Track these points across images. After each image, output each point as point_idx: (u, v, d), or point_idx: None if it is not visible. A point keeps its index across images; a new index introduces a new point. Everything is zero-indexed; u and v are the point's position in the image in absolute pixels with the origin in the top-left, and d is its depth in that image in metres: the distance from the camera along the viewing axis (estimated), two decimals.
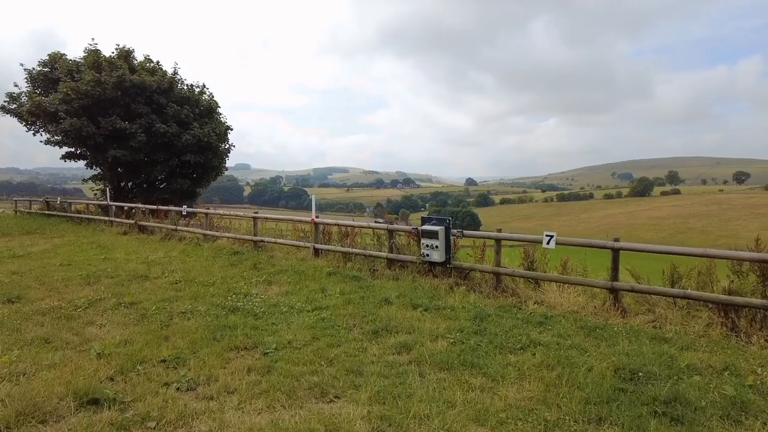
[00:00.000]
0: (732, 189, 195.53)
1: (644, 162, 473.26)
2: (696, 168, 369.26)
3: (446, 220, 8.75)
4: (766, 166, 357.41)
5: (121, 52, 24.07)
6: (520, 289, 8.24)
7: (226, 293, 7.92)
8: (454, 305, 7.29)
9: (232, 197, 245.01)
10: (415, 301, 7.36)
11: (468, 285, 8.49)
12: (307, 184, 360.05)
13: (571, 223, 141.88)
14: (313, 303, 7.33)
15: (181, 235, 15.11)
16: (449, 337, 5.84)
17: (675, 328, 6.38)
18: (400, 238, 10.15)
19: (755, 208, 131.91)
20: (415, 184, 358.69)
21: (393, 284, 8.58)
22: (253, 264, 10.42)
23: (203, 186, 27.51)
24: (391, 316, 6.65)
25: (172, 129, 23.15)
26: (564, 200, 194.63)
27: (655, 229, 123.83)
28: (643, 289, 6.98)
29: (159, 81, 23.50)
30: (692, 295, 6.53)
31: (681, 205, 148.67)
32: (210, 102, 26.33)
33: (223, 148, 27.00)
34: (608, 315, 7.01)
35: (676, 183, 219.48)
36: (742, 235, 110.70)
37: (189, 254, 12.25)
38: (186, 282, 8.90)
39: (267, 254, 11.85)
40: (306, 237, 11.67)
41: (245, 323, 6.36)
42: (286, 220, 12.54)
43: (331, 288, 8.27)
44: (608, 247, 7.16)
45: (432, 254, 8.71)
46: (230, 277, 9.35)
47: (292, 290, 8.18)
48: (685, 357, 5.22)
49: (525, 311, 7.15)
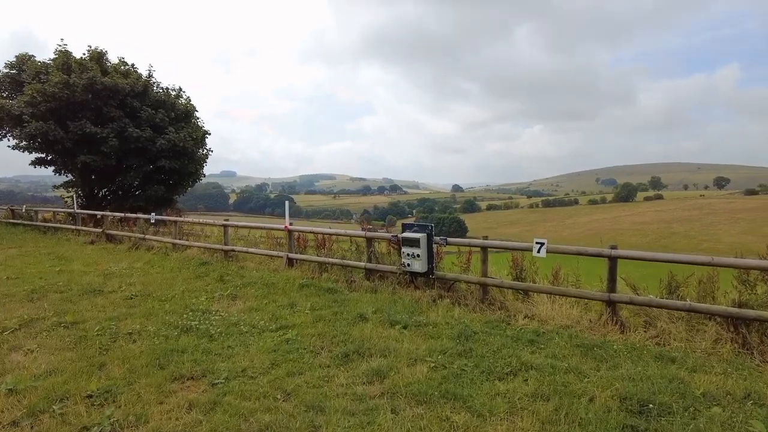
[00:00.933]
0: (713, 194, 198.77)
1: (627, 168, 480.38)
2: (677, 173, 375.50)
3: (428, 227, 8.05)
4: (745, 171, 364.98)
5: (93, 54, 23.10)
6: (509, 302, 7.56)
7: (182, 310, 7.09)
8: (436, 321, 6.57)
9: (217, 204, 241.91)
10: (394, 317, 6.63)
11: (452, 297, 7.78)
12: (293, 191, 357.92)
13: (557, 229, 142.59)
14: (279, 321, 6.55)
15: (150, 245, 14.20)
16: (430, 360, 5.11)
17: (680, 345, 5.74)
18: (380, 247, 9.43)
19: (735, 212, 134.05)
20: (402, 191, 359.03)
21: (371, 297, 7.83)
22: (219, 276, 9.60)
23: (180, 193, 26.53)
24: (365, 335, 5.91)
25: (146, 134, 22.22)
26: (549, 206, 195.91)
27: (640, 234, 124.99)
28: (644, 301, 6.34)
29: (133, 84, 22.59)
30: (699, 308, 5.90)
31: (664, 210, 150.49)
32: (187, 106, 25.46)
33: (201, 154, 26.09)
34: (606, 330, 6.35)
35: (658, 188, 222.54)
36: (723, 239, 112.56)
37: (154, 265, 11.37)
38: (142, 297, 8.05)
39: (237, 265, 11.03)
40: (280, 246, 10.88)
41: (197, 346, 5.56)
42: (258, 228, 11.77)
43: (301, 303, 7.49)
44: (604, 255, 6.52)
45: (413, 264, 7.99)
46: (192, 290, 8.52)
47: (257, 306, 7.38)
48: (699, 382, 4.56)
49: (514, 327, 6.46)
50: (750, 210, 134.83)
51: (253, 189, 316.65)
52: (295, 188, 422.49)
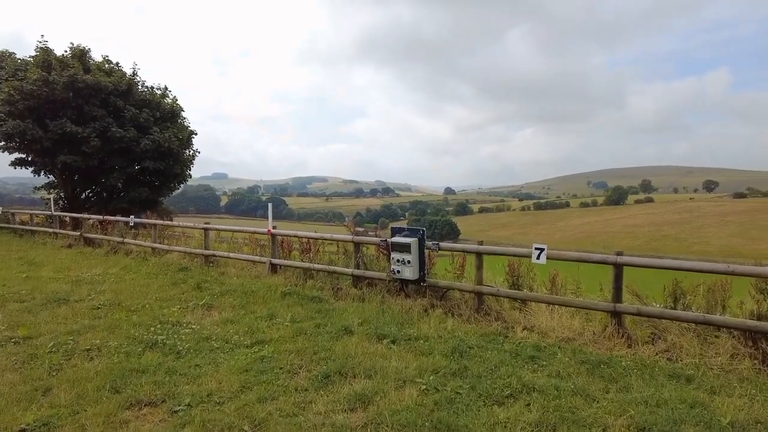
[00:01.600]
0: (702, 197, 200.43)
1: (618, 171, 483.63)
2: (667, 177, 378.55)
3: (419, 231, 7.51)
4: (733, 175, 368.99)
5: (75, 51, 22.34)
6: (506, 312, 7.03)
7: (151, 322, 6.49)
8: (428, 334, 6.03)
9: (208, 207, 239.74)
10: (382, 330, 6.07)
11: (445, 306, 7.24)
12: (285, 194, 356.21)
13: (548, 232, 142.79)
14: (255, 335, 5.97)
15: (129, 249, 13.54)
16: (420, 382, 4.56)
17: (694, 362, 5.24)
18: (369, 252, 8.87)
19: (724, 215, 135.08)
20: (394, 193, 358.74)
21: (357, 307, 7.27)
22: (197, 283, 8.98)
23: (165, 195, 25.78)
24: (349, 351, 5.34)
25: (129, 133, 21.48)
26: (541, 209, 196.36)
27: (631, 236, 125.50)
28: (653, 312, 5.84)
29: (116, 82, 21.86)
30: (714, 320, 5.41)
31: (654, 213, 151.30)
32: (173, 106, 24.72)
33: (187, 155, 25.35)
34: (611, 344, 5.84)
35: (649, 191, 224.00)
36: (713, 242, 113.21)
37: (130, 271, 10.73)
38: (110, 307, 7.43)
39: (218, 271, 10.42)
40: (263, 251, 10.28)
41: (161, 365, 4.97)
42: (240, 231, 11.18)
43: (282, 314, 6.91)
44: (609, 262, 6.01)
45: (403, 270, 7.45)
46: (166, 299, 7.91)
47: (233, 317, 6.79)
48: (722, 407, 4.05)
49: (513, 340, 5.94)
50: (739, 213, 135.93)
51: (244, 191, 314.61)
52: (287, 190, 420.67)
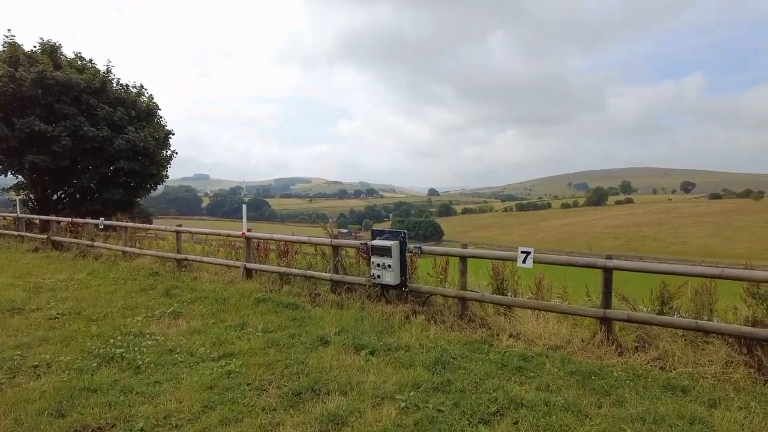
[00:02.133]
0: (680, 198, 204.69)
1: (598, 172, 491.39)
2: (646, 178, 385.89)
3: (401, 234, 7.16)
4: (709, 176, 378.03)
5: (45, 47, 21.48)
6: (491, 318, 6.72)
7: (112, 333, 6.01)
8: (409, 343, 5.68)
9: (190, 208, 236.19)
10: (360, 340, 5.70)
11: (428, 313, 6.90)
12: (268, 195, 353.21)
13: (530, 232, 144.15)
14: (223, 347, 5.55)
15: (99, 252, 12.93)
16: (400, 398, 4.21)
17: (688, 371, 4.99)
18: (349, 255, 8.50)
19: (701, 216, 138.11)
20: (378, 195, 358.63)
21: (335, 314, 6.89)
22: (166, 289, 8.49)
23: (141, 196, 25.00)
24: (324, 365, 4.96)
25: (103, 133, 20.71)
26: (523, 210, 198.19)
27: (612, 237, 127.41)
28: (644, 318, 5.58)
29: (89, 80, 21.06)
30: (707, 327, 5.17)
31: (634, 214, 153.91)
32: (149, 104, 23.98)
33: (164, 155, 24.63)
34: (601, 352, 5.57)
35: (629, 192, 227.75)
36: (690, 242, 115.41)
37: (98, 276, 10.17)
38: (69, 316, 6.91)
39: (190, 276, 9.93)
40: (238, 255, 9.83)
41: (116, 383, 4.53)
42: (214, 234, 10.71)
43: (254, 322, 6.50)
44: (599, 266, 5.74)
45: (384, 275, 7.09)
46: (131, 307, 7.41)
47: (201, 327, 6.35)
48: (722, 423, 3.78)
49: (498, 349, 5.62)
50: (714, 213, 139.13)
51: (226, 192, 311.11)
52: (270, 191, 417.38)
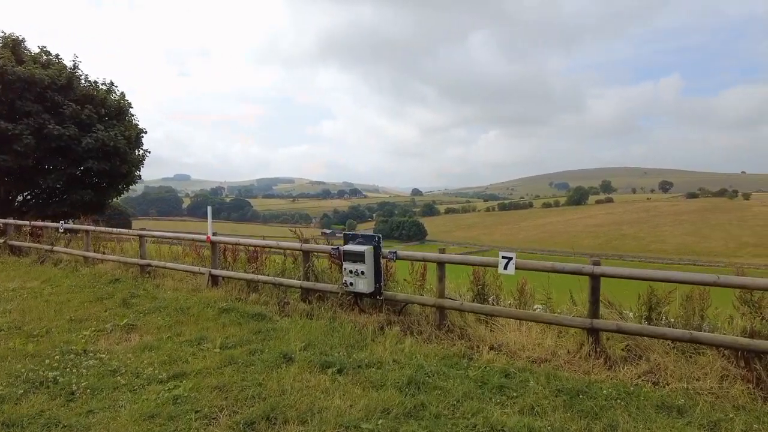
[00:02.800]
0: (658, 197, 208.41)
1: (579, 172, 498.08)
2: (626, 178, 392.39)
3: (375, 239, 6.68)
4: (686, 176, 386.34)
5: (7, 41, 20.44)
6: (471, 328, 6.27)
7: (50, 352, 5.39)
8: (381, 358, 5.19)
9: (170, 209, 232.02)
10: (328, 356, 5.20)
11: (403, 323, 6.43)
12: (250, 195, 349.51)
13: (512, 232, 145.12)
14: (175, 366, 4.99)
15: (58, 258, 12.17)
16: (366, 428, 3.72)
17: (682, 386, 4.61)
18: (321, 261, 7.98)
19: (679, 215, 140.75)
20: (362, 195, 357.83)
21: (304, 325, 6.36)
22: (124, 298, 7.86)
23: (111, 197, 24.08)
24: (285, 386, 4.45)
25: (69, 131, 19.79)
26: (505, 209, 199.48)
27: (592, 236, 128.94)
28: (635, 329, 5.19)
29: (54, 75, 20.10)
30: (702, 338, 4.80)
31: (614, 213, 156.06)
32: (120, 102, 23.07)
33: (137, 155, 23.76)
34: (588, 365, 5.17)
35: (609, 192, 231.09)
36: (669, 240, 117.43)
37: (54, 284, 9.47)
38: (7, 332, 6.25)
39: (153, 283, 9.29)
40: (203, 260, 9.23)
41: (41, 414, 3.95)
42: (178, 239, 10.07)
43: (213, 336, 5.94)
44: (585, 273, 5.34)
45: (357, 283, 6.59)
46: (81, 320, 6.78)
47: (155, 342, 5.77)
48: None
49: (478, 364, 5.17)
50: (691, 212, 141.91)
51: (208, 193, 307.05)
52: (252, 192, 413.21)
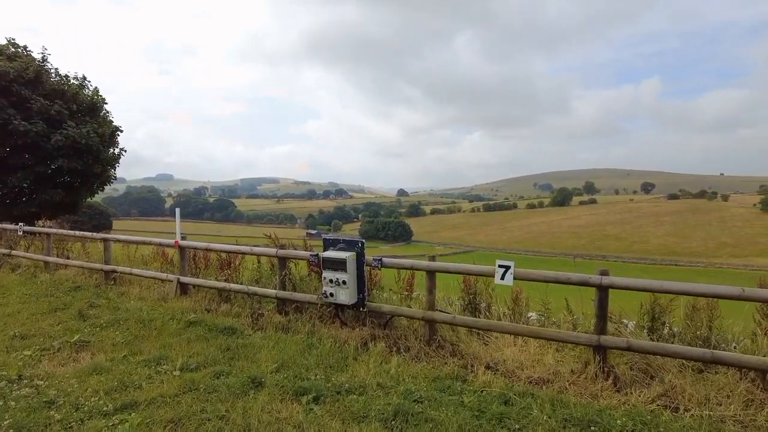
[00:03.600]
0: (640, 198, 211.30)
1: (562, 174, 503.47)
2: (608, 179, 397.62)
3: (358, 244, 6.05)
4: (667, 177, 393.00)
5: None
6: (463, 343, 5.70)
7: None
8: (364, 382, 4.58)
9: (152, 209, 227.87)
10: (304, 379, 4.57)
11: (389, 338, 5.82)
12: (234, 195, 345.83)
13: (497, 232, 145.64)
14: (126, 393, 4.30)
15: (17, 263, 11.29)
16: None
17: (705, 414, 4.08)
18: (299, 268, 7.32)
19: (661, 215, 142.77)
20: (347, 195, 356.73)
21: (279, 341, 5.71)
22: (81, 309, 7.09)
23: (84, 197, 23.02)
24: (251, 420, 3.80)
25: (37, 127, 18.80)
26: (490, 210, 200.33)
27: (576, 236, 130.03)
28: (648, 347, 4.64)
29: (20, 69, 19.08)
30: (726, 359, 4.27)
31: (597, 214, 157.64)
32: (93, 98, 22.06)
33: (111, 154, 22.77)
34: (596, 387, 4.62)
35: (592, 193, 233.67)
36: (651, 240, 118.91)
37: (6, 292, 8.65)
38: None
39: (118, 291, 8.54)
40: (172, 266, 8.50)
41: None
42: (145, 243, 9.29)
43: (176, 354, 5.26)
44: (592, 284, 4.79)
45: (338, 293, 5.96)
46: (27, 336, 6.03)
47: (107, 362, 5.06)
48: None
49: (474, 387, 4.59)
50: (673, 213, 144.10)
51: (191, 193, 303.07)
52: (236, 192, 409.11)
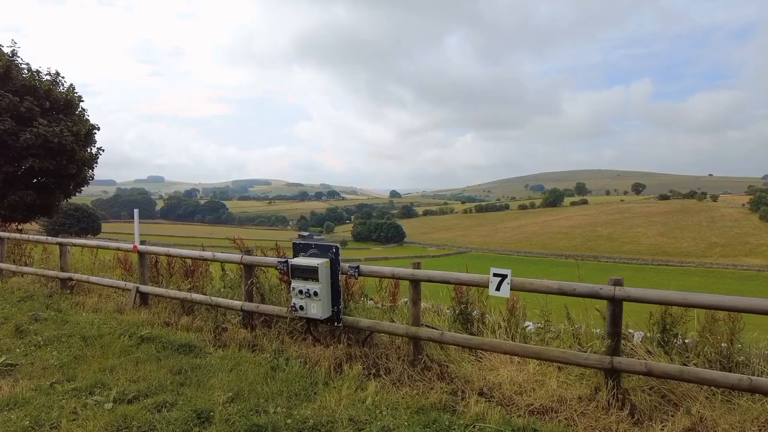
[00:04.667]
0: (632, 199, 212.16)
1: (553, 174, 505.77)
2: (599, 180, 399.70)
3: (332, 249, 5.27)
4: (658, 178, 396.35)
5: None
6: (453, 363, 4.94)
7: None
8: (334, 416, 3.81)
9: (143, 212, 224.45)
10: (261, 413, 3.79)
11: (368, 358, 5.05)
12: (225, 197, 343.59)
13: (489, 233, 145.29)
14: None
15: None
16: None
17: None
18: (270, 276, 6.53)
19: (652, 216, 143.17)
20: (340, 197, 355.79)
21: (240, 362, 4.93)
22: (19, 324, 6.25)
23: (58, 199, 21.99)
24: None
25: (5, 125, 17.83)
26: (482, 211, 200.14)
27: (567, 237, 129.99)
28: (672, 372, 3.91)
29: None
30: (766, 387, 3.55)
31: (589, 215, 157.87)
32: (69, 95, 21.06)
33: (88, 154, 21.80)
34: (609, 419, 3.88)
35: (583, 194, 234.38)
36: (642, 241, 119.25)
37: None
38: None
39: (73, 300, 7.69)
40: (131, 274, 7.67)
41: None
42: (101, 248, 8.44)
43: (116, 379, 4.46)
44: (604, 296, 4.06)
45: (309, 306, 5.18)
46: None
47: (29, 392, 4.23)
48: None
49: (465, 420, 3.83)
50: (664, 213, 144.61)
51: (182, 195, 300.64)
52: (227, 194, 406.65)
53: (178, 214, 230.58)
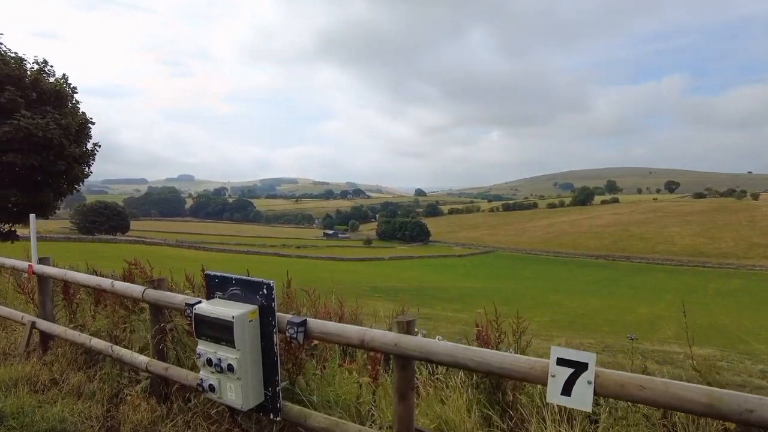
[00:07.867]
0: (665, 197, 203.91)
1: (582, 172, 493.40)
2: (630, 178, 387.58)
3: (262, 289, 3.07)
4: (692, 176, 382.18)
5: None
6: None
7: None
8: None
9: (172, 210, 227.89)
10: None
11: None
12: (253, 195, 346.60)
13: (517, 233, 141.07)
14: None
15: None
16: None
17: None
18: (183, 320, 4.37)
19: (686, 215, 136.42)
20: (365, 195, 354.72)
21: None
22: None
23: (45, 199, 20.33)
24: None
25: None
26: (509, 210, 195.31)
27: (598, 237, 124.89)
28: None
29: None
30: None
31: (620, 213, 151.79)
32: (58, 86, 19.48)
33: (83, 150, 20.21)
34: None
35: (614, 192, 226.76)
36: (677, 241, 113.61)
37: None
38: None
39: None
40: (30, 302, 5.64)
41: None
42: None
43: None
44: None
45: (223, 386, 3.00)
46: None
47: None
48: None
49: None
50: (699, 212, 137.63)
51: (210, 193, 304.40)
52: (255, 192, 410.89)
53: (207, 212, 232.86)
